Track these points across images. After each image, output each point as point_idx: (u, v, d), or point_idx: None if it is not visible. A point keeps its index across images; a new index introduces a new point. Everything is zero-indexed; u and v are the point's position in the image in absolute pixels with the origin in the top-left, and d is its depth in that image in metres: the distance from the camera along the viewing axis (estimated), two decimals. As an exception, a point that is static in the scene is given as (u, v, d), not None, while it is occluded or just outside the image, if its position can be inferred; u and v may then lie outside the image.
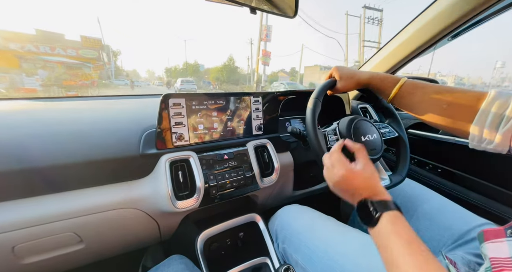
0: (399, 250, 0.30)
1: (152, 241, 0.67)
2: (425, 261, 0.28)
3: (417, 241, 0.31)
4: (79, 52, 21.87)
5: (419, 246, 0.30)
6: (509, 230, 0.36)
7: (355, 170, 0.40)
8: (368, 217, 0.35)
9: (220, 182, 0.59)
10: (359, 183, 0.39)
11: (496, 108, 0.39)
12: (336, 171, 0.41)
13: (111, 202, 0.51)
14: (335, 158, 0.42)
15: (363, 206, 0.37)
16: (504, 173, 0.75)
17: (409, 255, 0.29)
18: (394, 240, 0.31)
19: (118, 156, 0.52)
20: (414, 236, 0.31)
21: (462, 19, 0.66)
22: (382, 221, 0.34)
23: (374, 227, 0.35)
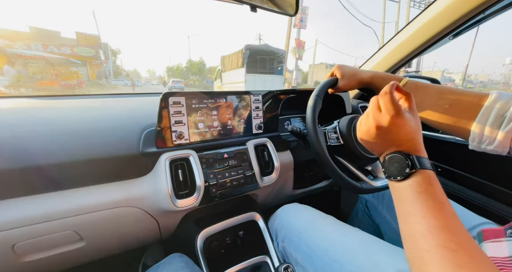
0: (427, 209, 0.27)
1: (152, 240, 0.67)
2: (454, 225, 0.26)
3: (449, 205, 0.28)
4: (74, 50, 20.18)
5: (451, 210, 0.27)
6: (509, 230, 0.36)
7: (407, 118, 0.34)
8: (400, 171, 0.31)
9: (220, 181, 0.59)
10: (405, 134, 0.33)
11: (498, 108, 0.39)
12: (384, 115, 0.34)
13: (111, 201, 0.51)
14: (388, 100, 0.34)
15: (398, 158, 0.32)
16: (504, 172, 0.75)
17: (437, 217, 0.27)
18: (425, 199, 0.28)
19: (118, 154, 0.52)
20: (447, 201, 0.29)
21: (463, 18, 0.65)
22: (416, 177, 0.30)
23: (403, 181, 0.31)
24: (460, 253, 0.23)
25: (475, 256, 0.23)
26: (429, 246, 0.25)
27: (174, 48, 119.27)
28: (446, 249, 0.24)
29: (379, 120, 0.35)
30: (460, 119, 0.44)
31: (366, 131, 0.37)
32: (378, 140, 0.35)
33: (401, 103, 0.38)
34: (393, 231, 0.66)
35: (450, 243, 0.24)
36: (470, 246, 0.24)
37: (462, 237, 0.25)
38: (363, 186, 0.55)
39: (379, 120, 0.34)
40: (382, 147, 0.36)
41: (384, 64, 0.91)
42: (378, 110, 0.35)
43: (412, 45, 0.78)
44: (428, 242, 0.25)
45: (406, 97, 0.38)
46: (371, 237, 0.50)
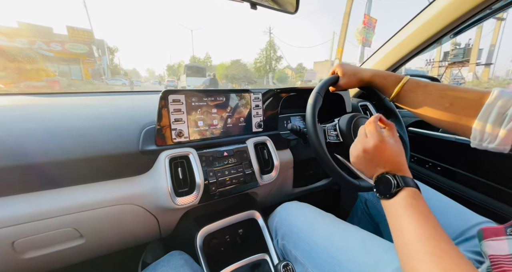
0: (413, 221, 0.31)
1: (152, 238, 0.68)
2: (438, 234, 0.29)
3: (433, 217, 0.31)
4: (65, 47, 17.61)
5: (434, 221, 0.31)
6: (509, 228, 0.36)
7: (389, 143, 0.40)
8: (387, 189, 0.36)
9: (219, 179, 0.59)
10: (388, 156, 0.39)
11: (499, 106, 0.39)
12: (369, 140, 0.40)
13: (110, 198, 0.51)
14: (372, 128, 0.41)
15: (385, 179, 0.37)
16: (504, 171, 0.75)
17: (421, 226, 0.30)
18: (411, 213, 0.32)
19: (117, 152, 0.52)
20: (431, 213, 0.32)
21: (465, 16, 0.65)
22: (402, 194, 0.35)
23: (391, 199, 0.35)
24: (445, 259, 0.26)
25: (458, 261, 0.26)
26: (417, 253, 0.28)
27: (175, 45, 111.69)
28: (433, 255, 0.27)
29: (365, 145, 0.41)
30: (461, 117, 0.44)
31: (356, 156, 0.43)
32: (367, 163, 0.41)
33: (385, 132, 0.44)
34: None
35: (436, 250, 0.27)
36: (453, 252, 0.27)
37: (446, 244, 0.28)
38: (361, 184, 0.55)
39: (365, 145, 0.40)
40: (371, 169, 0.41)
41: (386, 63, 0.91)
42: (365, 137, 0.42)
43: (413, 43, 0.78)
44: (416, 250, 0.29)
45: (389, 127, 0.45)
46: (371, 235, 0.50)
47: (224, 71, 34.24)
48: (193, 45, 40.77)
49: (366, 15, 8.87)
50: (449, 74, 14.33)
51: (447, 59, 13.56)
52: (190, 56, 42.29)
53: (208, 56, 39.53)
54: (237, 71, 32.53)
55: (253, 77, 32.80)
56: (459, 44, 14.91)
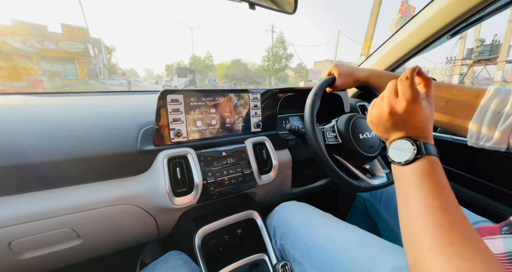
0: (427, 191, 0.28)
1: (150, 238, 0.67)
2: (451, 206, 0.27)
3: (449, 188, 0.29)
4: (59, 45, 16.76)
5: (450, 193, 0.28)
6: (505, 227, 0.36)
7: (424, 106, 0.33)
8: (406, 155, 0.32)
9: (218, 179, 0.59)
10: (418, 121, 0.33)
11: (495, 105, 0.39)
12: (401, 101, 0.33)
13: (108, 198, 0.51)
14: (408, 86, 0.33)
15: (404, 144, 0.33)
16: (500, 171, 0.76)
17: (437, 198, 0.27)
18: (426, 182, 0.29)
19: (115, 152, 0.52)
20: (447, 184, 0.29)
21: (462, 17, 0.66)
22: (421, 162, 0.31)
23: (407, 165, 0.32)
24: (453, 232, 0.25)
25: (467, 235, 0.24)
26: (424, 224, 0.26)
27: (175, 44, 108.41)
28: (441, 227, 0.25)
29: (394, 105, 0.34)
30: (457, 117, 0.44)
31: (378, 115, 0.36)
32: (389, 125, 0.35)
33: (420, 89, 0.36)
34: (390, 229, 0.67)
35: (445, 223, 0.25)
36: (463, 226, 0.25)
37: (457, 217, 0.26)
38: (361, 185, 0.55)
39: (395, 105, 0.33)
40: (391, 132, 0.35)
41: (383, 63, 0.91)
42: (395, 95, 0.34)
43: (411, 44, 0.79)
44: (424, 220, 0.26)
45: (426, 83, 0.36)
46: (369, 235, 0.51)
47: (224, 70, 32.89)
48: (193, 44, 39.39)
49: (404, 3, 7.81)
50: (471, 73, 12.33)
51: (470, 56, 11.82)
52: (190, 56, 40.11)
53: (209, 55, 36.74)
54: (237, 71, 31.32)
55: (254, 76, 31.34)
56: (484, 40, 13.07)
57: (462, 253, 0.23)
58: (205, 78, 35.11)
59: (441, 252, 0.24)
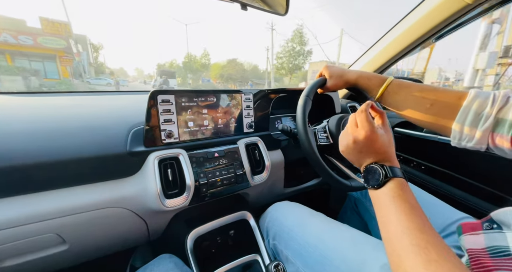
0: (400, 212, 0.31)
1: (141, 241, 0.66)
2: (424, 225, 0.30)
3: (419, 208, 0.32)
4: (37, 40, 15.05)
5: (420, 212, 0.31)
6: (486, 223, 0.38)
7: (379, 133, 0.39)
8: (375, 180, 0.36)
9: (210, 180, 0.59)
10: (378, 147, 0.38)
11: (476, 107, 0.41)
12: (360, 131, 0.39)
13: (96, 202, 0.50)
14: (363, 118, 0.39)
15: (373, 169, 0.37)
16: (481, 170, 0.79)
17: (407, 218, 0.30)
18: (398, 204, 0.32)
19: (104, 154, 0.50)
20: (417, 204, 0.32)
21: (445, 22, 0.68)
22: (390, 185, 0.34)
23: (379, 189, 0.35)
24: (430, 250, 0.27)
25: (442, 252, 0.27)
26: (403, 245, 0.29)
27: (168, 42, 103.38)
28: (418, 247, 0.27)
29: (356, 135, 0.39)
30: (441, 118, 0.46)
31: (346, 145, 0.42)
32: (355, 153, 0.40)
33: (376, 120, 0.43)
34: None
35: (421, 242, 0.28)
36: (438, 244, 0.28)
37: (431, 236, 0.28)
38: (352, 184, 0.56)
39: (356, 135, 0.39)
40: (360, 159, 0.40)
41: (372, 65, 0.93)
42: (355, 126, 0.41)
43: (398, 47, 0.81)
44: (402, 242, 0.29)
45: (380, 115, 0.43)
46: (359, 233, 0.52)
47: (219, 70, 31.18)
48: (188, 42, 34.50)
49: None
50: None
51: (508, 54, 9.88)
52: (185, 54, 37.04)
53: (206, 53, 33.60)
54: (234, 71, 29.86)
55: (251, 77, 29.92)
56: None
57: (440, 270, 0.25)
58: (199, 78, 32.96)
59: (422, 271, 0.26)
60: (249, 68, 34.67)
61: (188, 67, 32.45)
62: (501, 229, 0.35)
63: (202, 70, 33.09)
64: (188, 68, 32.54)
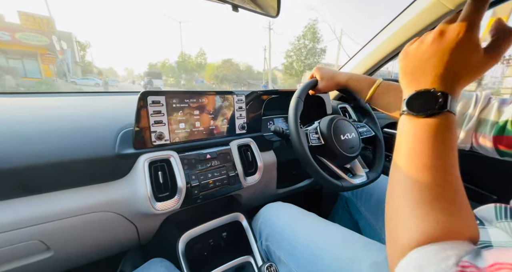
0: (437, 150, 0.26)
1: (130, 245, 0.64)
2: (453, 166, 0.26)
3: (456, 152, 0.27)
4: (16, 36, 13.46)
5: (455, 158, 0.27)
6: None
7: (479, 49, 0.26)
8: (427, 105, 0.27)
9: (202, 182, 0.58)
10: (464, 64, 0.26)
11: (459, 108, 0.43)
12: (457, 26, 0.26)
13: (84, 206, 0.48)
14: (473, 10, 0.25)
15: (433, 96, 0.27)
16: (467, 168, 0.82)
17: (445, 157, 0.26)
18: (440, 142, 0.26)
19: (91, 156, 0.49)
20: (456, 146, 0.27)
21: (429, 26, 0.71)
22: (440, 119, 0.26)
23: (424, 119, 0.27)
24: (445, 188, 0.24)
25: (458, 194, 0.25)
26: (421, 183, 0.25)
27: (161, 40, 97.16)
28: (435, 184, 0.25)
29: (445, 29, 0.27)
30: None
31: (420, 41, 0.29)
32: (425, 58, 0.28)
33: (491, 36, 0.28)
34: (370, 226, 0.70)
35: (439, 180, 0.25)
36: (456, 183, 0.25)
37: (453, 176, 0.26)
38: (343, 184, 0.57)
39: (446, 29, 0.26)
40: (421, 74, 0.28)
41: (362, 67, 0.96)
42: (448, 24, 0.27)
43: (386, 50, 0.84)
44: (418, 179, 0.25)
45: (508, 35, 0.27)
46: (350, 232, 0.53)
47: (213, 71, 29.51)
48: (182, 40, 31.11)
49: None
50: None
51: None
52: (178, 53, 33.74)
53: (202, 52, 30.24)
54: (229, 71, 28.65)
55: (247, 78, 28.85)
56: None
57: (447, 208, 0.23)
58: (194, 78, 30.92)
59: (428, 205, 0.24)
60: (244, 68, 33.05)
61: (182, 67, 30.11)
62: (483, 225, 0.37)
63: (197, 70, 30.81)
64: (182, 68, 30.34)
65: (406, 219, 0.25)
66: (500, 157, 0.41)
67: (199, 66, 30.33)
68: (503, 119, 0.39)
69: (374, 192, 0.71)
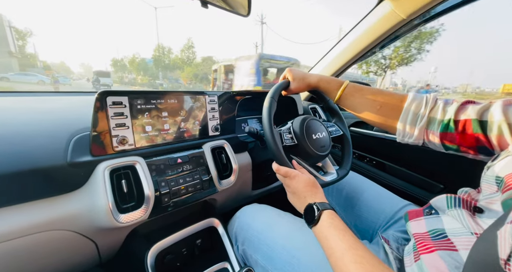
0: (336, 237, 0.37)
1: (89, 266, 0.57)
2: (355, 243, 0.36)
3: (348, 230, 0.39)
4: None
5: (350, 233, 0.38)
6: (426, 209, 0.44)
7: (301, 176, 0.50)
8: (312, 217, 0.42)
9: (173, 188, 0.54)
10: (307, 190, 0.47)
11: (413, 108, 0.48)
12: (291, 182, 0.50)
13: (30, 225, 0.41)
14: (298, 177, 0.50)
15: (310, 209, 0.44)
16: (419, 163, 0.93)
17: (342, 240, 0.36)
18: (333, 231, 0.38)
19: (38, 166, 0.42)
20: (346, 227, 0.39)
21: (386, 33, 0.78)
22: (323, 217, 0.41)
23: (318, 224, 0.41)
24: (364, 263, 0.32)
25: (374, 263, 0.32)
26: (345, 264, 0.34)
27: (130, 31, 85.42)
28: (356, 263, 0.33)
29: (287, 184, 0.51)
30: (388, 118, 0.52)
31: (291, 198, 0.51)
32: (297, 199, 0.48)
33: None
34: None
35: (357, 258, 0.33)
36: (370, 257, 0.33)
37: (363, 251, 0.34)
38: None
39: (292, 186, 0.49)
40: (301, 203, 0.47)
41: (329, 69, 1.01)
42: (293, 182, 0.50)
43: (349, 54, 0.90)
44: (344, 262, 0.34)
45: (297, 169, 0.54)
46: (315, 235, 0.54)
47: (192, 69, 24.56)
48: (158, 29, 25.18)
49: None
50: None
51: None
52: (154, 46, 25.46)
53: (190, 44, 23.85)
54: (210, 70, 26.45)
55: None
56: None
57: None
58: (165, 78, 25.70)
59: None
60: None
61: (160, 63, 24.70)
62: (438, 214, 0.41)
63: (181, 67, 24.82)
64: (159, 65, 24.90)
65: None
66: (445, 151, 0.47)
67: (185, 62, 24.79)
68: (447, 118, 0.44)
69: (344, 188, 0.75)
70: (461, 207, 0.38)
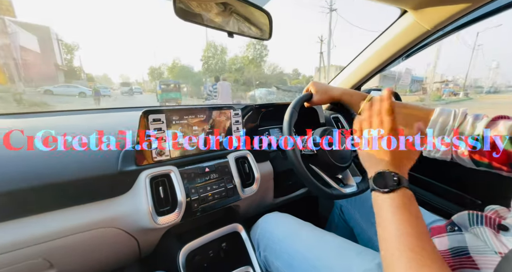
0: (405, 219, 0.33)
1: (131, 260, 0.65)
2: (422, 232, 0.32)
3: (421, 218, 0.34)
4: None
5: (423, 222, 0.33)
6: (449, 226, 0.43)
7: None
8: (387, 184, 0.36)
9: (201, 195, 0.60)
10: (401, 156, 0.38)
11: (441, 121, 0.48)
12: None
13: (87, 223, 0.50)
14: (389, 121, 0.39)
15: (387, 175, 0.37)
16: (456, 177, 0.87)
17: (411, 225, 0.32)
18: (403, 211, 0.33)
19: (94, 174, 0.51)
20: (420, 215, 0.34)
21: (410, 44, 0.77)
22: (399, 193, 0.35)
23: (388, 194, 0.35)
24: (423, 256, 0.29)
25: (434, 258, 0.29)
26: (399, 248, 0.31)
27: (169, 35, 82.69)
28: (413, 251, 0.30)
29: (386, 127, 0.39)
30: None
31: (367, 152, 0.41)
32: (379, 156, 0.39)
33: None
34: (364, 233, 0.72)
35: (417, 248, 0.30)
36: (431, 250, 0.30)
37: (427, 243, 0.31)
38: (333, 192, 0.60)
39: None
40: (378, 164, 0.39)
41: (349, 81, 1.02)
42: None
43: (371, 66, 0.90)
44: (400, 244, 0.31)
45: None
46: (345, 241, 0.55)
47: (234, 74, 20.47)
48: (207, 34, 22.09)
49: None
50: None
51: None
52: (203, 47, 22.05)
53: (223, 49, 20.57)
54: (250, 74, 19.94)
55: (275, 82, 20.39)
56: None
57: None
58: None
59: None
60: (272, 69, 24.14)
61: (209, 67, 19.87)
62: (461, 231, 0.40)
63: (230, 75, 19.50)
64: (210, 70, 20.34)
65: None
66: (477, 167, 0.45)
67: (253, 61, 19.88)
68: (476, 133, 0.43)
69: (368, 199, 0.73)
70: (483, 225, 0.37)
